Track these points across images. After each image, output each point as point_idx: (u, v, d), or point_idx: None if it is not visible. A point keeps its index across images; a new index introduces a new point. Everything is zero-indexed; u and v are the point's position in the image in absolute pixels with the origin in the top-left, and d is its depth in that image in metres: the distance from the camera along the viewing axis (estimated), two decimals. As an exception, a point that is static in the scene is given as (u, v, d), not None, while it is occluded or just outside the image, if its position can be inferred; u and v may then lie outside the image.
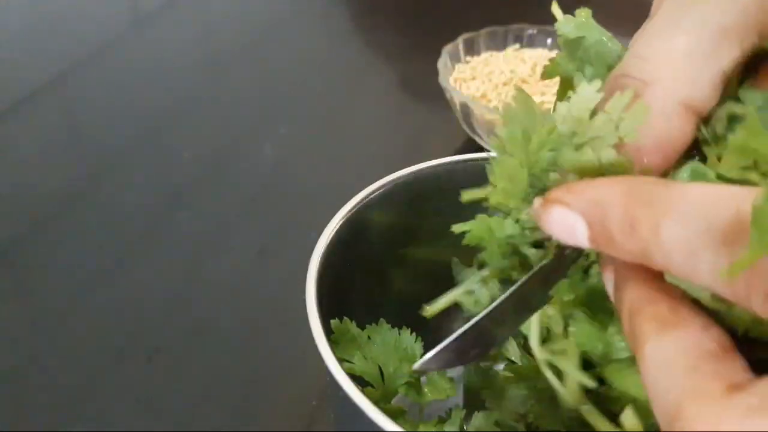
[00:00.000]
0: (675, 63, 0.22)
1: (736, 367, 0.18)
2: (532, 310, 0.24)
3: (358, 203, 0.32)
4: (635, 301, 0.20)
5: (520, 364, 0.29)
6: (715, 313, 0.19)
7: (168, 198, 0.53)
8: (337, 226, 0.31)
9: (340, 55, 0.73)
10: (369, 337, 0.30)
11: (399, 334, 0.31)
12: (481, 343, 0.24)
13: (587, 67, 0.25)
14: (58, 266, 0.46)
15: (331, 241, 0.30)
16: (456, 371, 0.32)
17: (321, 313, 0.27)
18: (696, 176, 0.22)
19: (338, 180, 0.52)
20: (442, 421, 0.30)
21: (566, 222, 0.20)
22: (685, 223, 0.17)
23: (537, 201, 0.21)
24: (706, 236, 0.17)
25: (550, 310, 0.25)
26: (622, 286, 0.20)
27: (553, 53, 0.61)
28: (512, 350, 0.29)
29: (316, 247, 0.30)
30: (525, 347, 0.29)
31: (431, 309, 0.26)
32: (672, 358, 0.18)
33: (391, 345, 0.30)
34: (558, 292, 0.24)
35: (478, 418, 0.29)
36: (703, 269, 0.17)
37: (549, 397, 0.28)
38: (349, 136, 0.60)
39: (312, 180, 0.55)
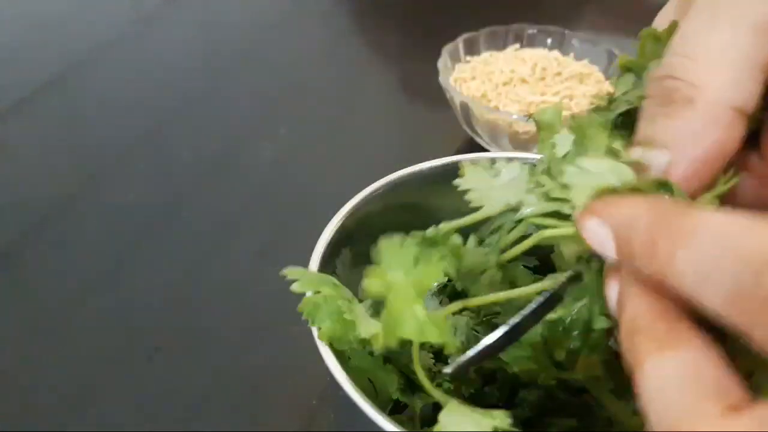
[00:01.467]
0: (719, 62, 0.22)
1: (735, 389, 0.18)
2: (523, 333, 0.25)
3: (358, 203, 0.32)
4: (636, 318, 0.20)
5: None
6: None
7: (168, 198, 0.53)
8: (337, 226, 0.31)
9: (340, 55, 0.73)
10: (349, 357, 0.30)
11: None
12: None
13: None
14: (58, 266, 0.46)
15: (331, 241, 0.30)
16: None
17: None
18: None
19: (338, 180, 0.52)
20: None
21: (599, 233, 0.21)
22: (696, 255, 0.18)
23: (579, 209, 0.23)
24: (713, 268, 0.18)
25: None
26: (624, 302, 0.21)
27: (554, 53, 0.61)
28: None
29: (316, 247, 0.30)
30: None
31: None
32: (670, 377, 0.19)
33: (367, 359, 0.30)
34: None
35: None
36: (709, 297, 0.18)
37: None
38: (349, 135, 0.60)
39: (312, 180, 0.55)
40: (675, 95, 0.22)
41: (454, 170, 0.29)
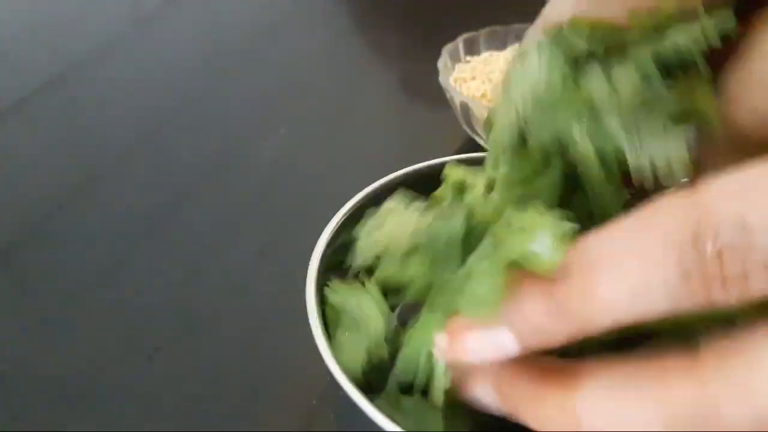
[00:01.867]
0: None
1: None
2: None
3: (357, 203, 0.32)
4: (524, 401, 0.20)
5: None
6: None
7: (168, 198, 0.53)
8: (337, 226, 0.31)
9: (340, 55, 0.73)
10: None
11: None
12: None
13: None
14: (58, 266, 0.46)
15: (330, 240, 0.30)
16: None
17: (321, 313, 0.27)
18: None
19: (338, 179, 0.52)
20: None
21: (489, 342, 0.20)
22: (621, 272, 0.17)
23: (441, 339, 0.21)
24: (646, 272, 0.17)
25: None
26: (507, 396, 0.20)
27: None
28: None
29: (316, 247, 0.30)
30: None
31: None
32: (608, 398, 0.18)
33: None
34: None
35: None
36: (654, 302, 0.17)
37: None
38: (349, 135, 0.60)
39: (312, 180, 0.55)
40: None
41: (454, 170, 0.29)
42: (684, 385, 0.17)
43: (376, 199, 0.33)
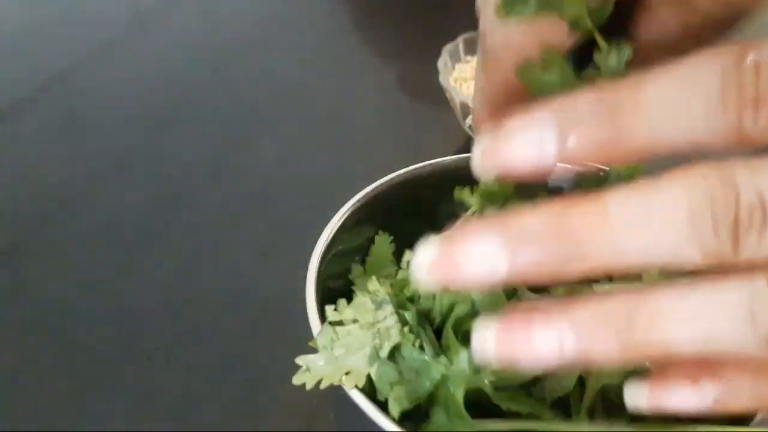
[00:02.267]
0: None
1: None
2: None
3: (357, 203, 0.32)
4: None
5: None
6: None
7: (168, 198, 0.53)
8: (337, 226, 0.31)
9: (340, 55, 0.73)
10: None
11: None
12: None
13: None
14: (58, 266, 0.46)
15: (331, 240, 0.30)
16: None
17: (321, 313, 0.27)
18: None
19: (338, 179, 0.52)
20: None
21: (533, 136, 0.19)
22: (668, 84, 0.18)
23: (486, 132, 0.20)
24: (691, 87, 0.18)
25: None
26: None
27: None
28: None
29: (316, 247, 0.30)
30: None
31: None
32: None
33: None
34: None
35: None
36: (694, 116, 0.18)
37: None
38: (349, 135, 0.60)
39: (312, 180, 0.55)
40: None
41: (453, 170, 0.29)
42: (707, 172, 0.18)
43: (376, 199, 0.33)
